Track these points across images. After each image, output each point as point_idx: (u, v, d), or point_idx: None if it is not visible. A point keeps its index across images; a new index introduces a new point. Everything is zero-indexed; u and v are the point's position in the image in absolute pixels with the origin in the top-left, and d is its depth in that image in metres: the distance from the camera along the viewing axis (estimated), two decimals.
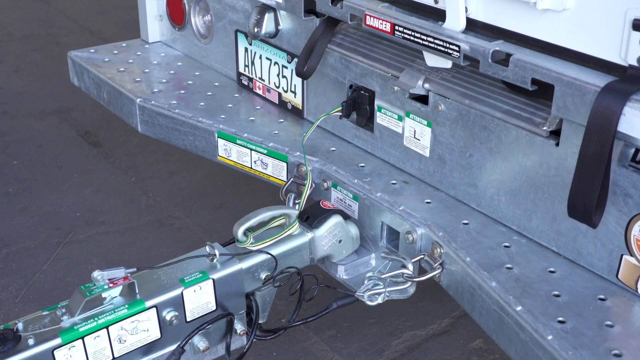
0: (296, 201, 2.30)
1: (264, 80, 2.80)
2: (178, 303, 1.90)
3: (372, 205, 2.19)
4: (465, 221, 2.09)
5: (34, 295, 3.31)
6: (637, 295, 1.78)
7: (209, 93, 2.90)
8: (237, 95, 2.90)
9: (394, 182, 2.28)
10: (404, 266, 2.01)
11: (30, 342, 1.71)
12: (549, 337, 1.65)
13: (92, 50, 3.29)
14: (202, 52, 3.16)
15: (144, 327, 1.86)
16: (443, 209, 2.15)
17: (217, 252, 1.96)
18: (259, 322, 2.13)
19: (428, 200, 2.18)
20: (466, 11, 1.97)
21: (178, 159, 4.45)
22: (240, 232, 1.99)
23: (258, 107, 2.79)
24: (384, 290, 2.02)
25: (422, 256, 2.04)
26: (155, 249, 3.65)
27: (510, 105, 1.97)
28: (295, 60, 2.57)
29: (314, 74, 2.51)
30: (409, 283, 2.02)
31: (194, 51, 3.22)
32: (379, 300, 2.04)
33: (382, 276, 2.03)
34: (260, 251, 2.02)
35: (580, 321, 1.71)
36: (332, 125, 2.58)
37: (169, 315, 1.89)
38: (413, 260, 2.02)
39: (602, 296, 1.80)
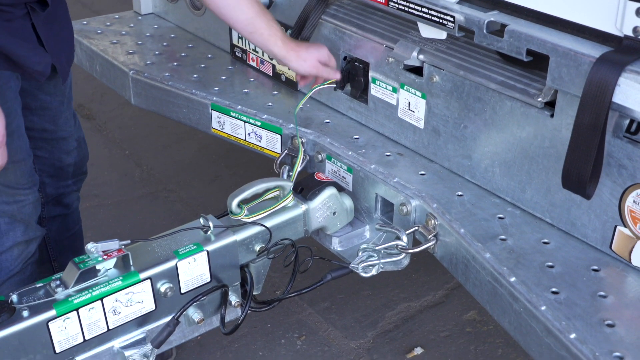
0: (289, 173, 2.29)
1: (257, 52, 2.79)
2: (172, 275, 1.90)
3: (367, 177, 2.18)
4: (460, 193, 2.09)
5: None
6: (631, 266, 1.79)
7: (203, 65, 2.88)
8: (230, 67, 2.88)
9: (388, 154, 2.28)
10: (398, 238, 2.01)
11: (25, 313, 1.71)
12: (543, 308, 1.66)
13: (85, 22, 3.26)
14: (196, 24, 3.14)
15: (138, 299, 1.86)
16: (437, 180, 2.15)
17: (211, 224, 1.95)
18: (254, 293, 2.13)
19: (422, 172, 2.18)
20: None
21: (172, 131, 4.44)
22: (234, 204, 1.99)
23: (252, 79, 2.77)
24: (378, 261, 2.03)
25: (417, 228, 2.04)
26: (149, 222, 3.65)
27: (505, 77, 1.96)
28: (289, 31, 2.55)
29: None
30: (403, 254, 2.02)
31: (187, 23, 3.20)
32: (373, 271, 2.04)
33: (377, 248, 2.04)
34: (254, 223, 2.02)
35: (573, 292, 1.71)
36: (326, 97, 2.57)
37: (163, 287, 1.89)
38: (407, 232, 2.02)
39: (595, 267, 1.81)
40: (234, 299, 2.03)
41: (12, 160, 2.01)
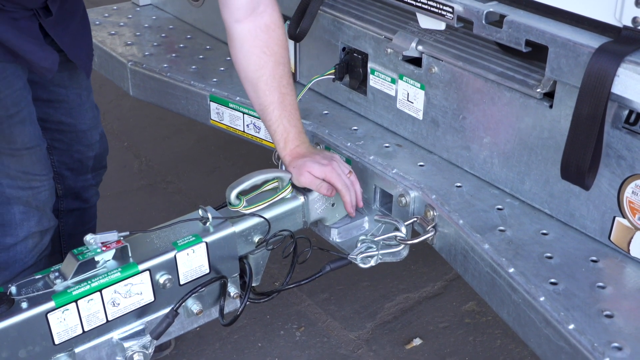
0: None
1: None
2: (171, 266, 1.90)
3: (365, 169, 2.18)
4: (458, 184, 2.09)
5: None
6: (629, 256, 1.79)
7: (201, 56, 2.88)
8: (229, 58, 2.85)
9: (387, 145, 2.28)
10: (397, 229, 2.01)
11: (24, 305, 1.71)
12: (541, 299, 1.66)
13: None
14: (194, 15, 3.13)
15: (137, 290, 1.86)
16: (436, 171, 2.15)
17: (209, 216, 1.95)
18: (253, 285, 2.13)
19: (421, 163, 2.18)
20: None
21: (170, 123, 4.43)
22: (232, 195, 1.98)
23: None
24: (376, 253, 2.03)
25: (415, 219, 2.04)
26: (148, 213, 3.65)
27: (504, 67, 1.96)
28: (288, 22, 2.55)
29: (306, 36, 2.49)
30: (402, 246, 2.02)
31: (185, 14, 3.19)
32: (372, 263, 2.04)
33: (375, 239, 2.04)
34: (253, 214, 2.01)
35: (572, 283, 1.72)
36: (324, 89, 2.56)
37: (162, 278, 1.89)
38: (406, 223, 2.02)
39: (594, 258, 1.81)
40: (232, 290, 2.03)
41: (25, 146, 2.05)
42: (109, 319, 1.84)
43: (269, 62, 2.08)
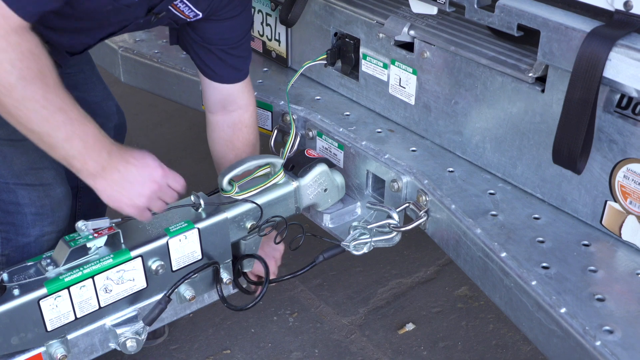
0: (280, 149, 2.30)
1: None
2: (163, 252, 1.90)
3: (358, 154, 2.18)
4: (451, 169, 2.09)
5: None
6: (621, 240, 1.79)
7: None
8: None
9: (379, 130, 2.28)
10: (390, 216, 2.01)
11: (16, 292, 1.71)
12: (533, 283, 1.67)
13: None
14: None
15: (129, 277, 1.86)
16: (428, 156, 2.15)
17: (202, 202, 1.95)
18: (245, 270, 2.14)
19: (413, 149, 2.18)
20: None
21: (162, 109, 4.42)
22: (225, 181, 1.98)
23: None
24: (369, 240, 2.03)
25: (407, 205, 2.04)
26: None
27: (496, 52, 1.96)
28: (279, 7, 2.54)
29: (298, 21, 2.48)
30: (395, 232, 2.02)
31: None
32: (365, 249, 2.05)
33: (369, 226, 2.04)
34: (245, 200, 2.01)
35: (564, 266, 1.72)
36: (317, 74, 2.56)
37: (154, 264, 1.89)
38: (398, 210, 2.02)
39: (586, 242, 1.81)
40: (225, 276, 2.03)
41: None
42: (102, 306, 1.84)
43: (230, 154, 2.24)
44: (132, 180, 1.81)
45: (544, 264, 1.72)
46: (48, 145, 1.72)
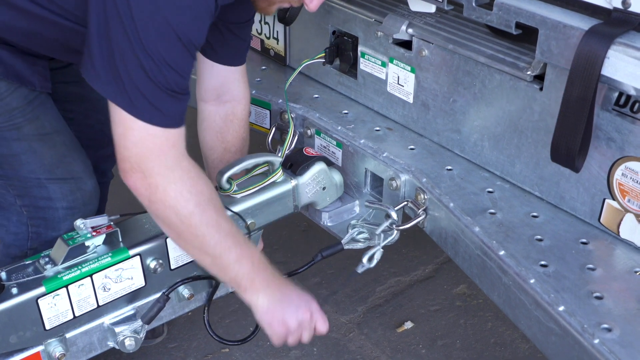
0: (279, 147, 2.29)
1: None
2: (162, 251, 1.90)
3: (356, 152, 2.18)
4: (449, 167, 2.09)
5: None
6: (619, 238, 1.79)
7: None
8: None
9: (377, 128, 2.28)
10: (388, 215, 2.01)
11: (14, 291, 1.71)
12: (532, 281, 1.67)
13: None
14: None
15: (128, 275, 1.86)
16: (427, 155, 2.14)
17: None
18: None
19: (412, 147, 2.18)
20: None
21: None
22: (223, 179, 1.98)
23: None
24: (377, 247, 2.03)
25: (406, 203, 2.04)
26: None
27: (494, 50, 1.95)
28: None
29: (296, 20, 2.48)
30: (394, 232, 2.02)
31: None
32: (375, 261, 2.06)
33: (376, 232, 2.04)
34: (243, 198, 2.01)
35: (562, 265, 1.72)
36: (315, 72, 2.56)
37: (153, 263, 1.89)
38: (396, 208, 2.02)
39: (584, 240, 1.81)
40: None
41: (55, 129, 2.01)
42: (100, 304, 1.84)
43: (219, 147, 2.22)
44: (290, 302, 1.92)
45: (542, 262, 1.72)
46: (219, 267, 1.84)
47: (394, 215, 2.00)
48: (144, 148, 1.66)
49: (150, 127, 1.64)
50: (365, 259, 2.01)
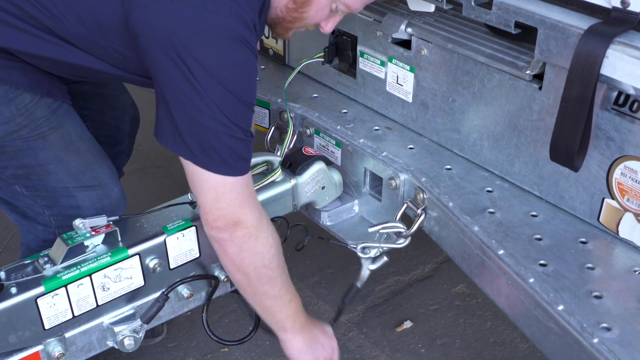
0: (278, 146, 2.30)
1: None
2: (161, 250, 1.90)
3: (355, 152, 2.18)
4: (448, 166, 2.09)
5: (17, 245, 3.30)
6: (618, 238, 1.79)
7: None
8: None
9: (376, 128, 2.28)
10: (396, 227, 2.03)
11: (13, 290, 1.71)
12: (531, 280, 1.67)
13: None
14: None
15: (127, 275, 1.86)
16: (426, 154, 2.14)
17: None
18: None
19: (411, 146, 2.18)
20: None
21: None
22: None
23: None
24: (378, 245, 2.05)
25: (405, 206, 2.04)
26: (137, 198, 3.63)
27: (494, 49, 1.95)
28: None
29: None
30: (404, 240, 2.04)
31: None
32: (381, 263, 2.12)
33: (383, 248, 2.09)
34: None
35: (561, 264, 1.72)
36: (314, 72, 2.56)
37: (152, 262, 1.89)
38: (398, 218, 2.03)
39: (583, 239, 1.81)
40: (223, 274, 2.03)
41: (80, 137, 2.03)
42: (99, 304, 1.84)
43: None
44: (319, 345, 2.07)
45: (542, 262, 1.72)
46: (277, 308, 1.96)
47: (400, 226, 2.02)
48: (238, 202, 1.78)
49: (239, 179, 1.75)
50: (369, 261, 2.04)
